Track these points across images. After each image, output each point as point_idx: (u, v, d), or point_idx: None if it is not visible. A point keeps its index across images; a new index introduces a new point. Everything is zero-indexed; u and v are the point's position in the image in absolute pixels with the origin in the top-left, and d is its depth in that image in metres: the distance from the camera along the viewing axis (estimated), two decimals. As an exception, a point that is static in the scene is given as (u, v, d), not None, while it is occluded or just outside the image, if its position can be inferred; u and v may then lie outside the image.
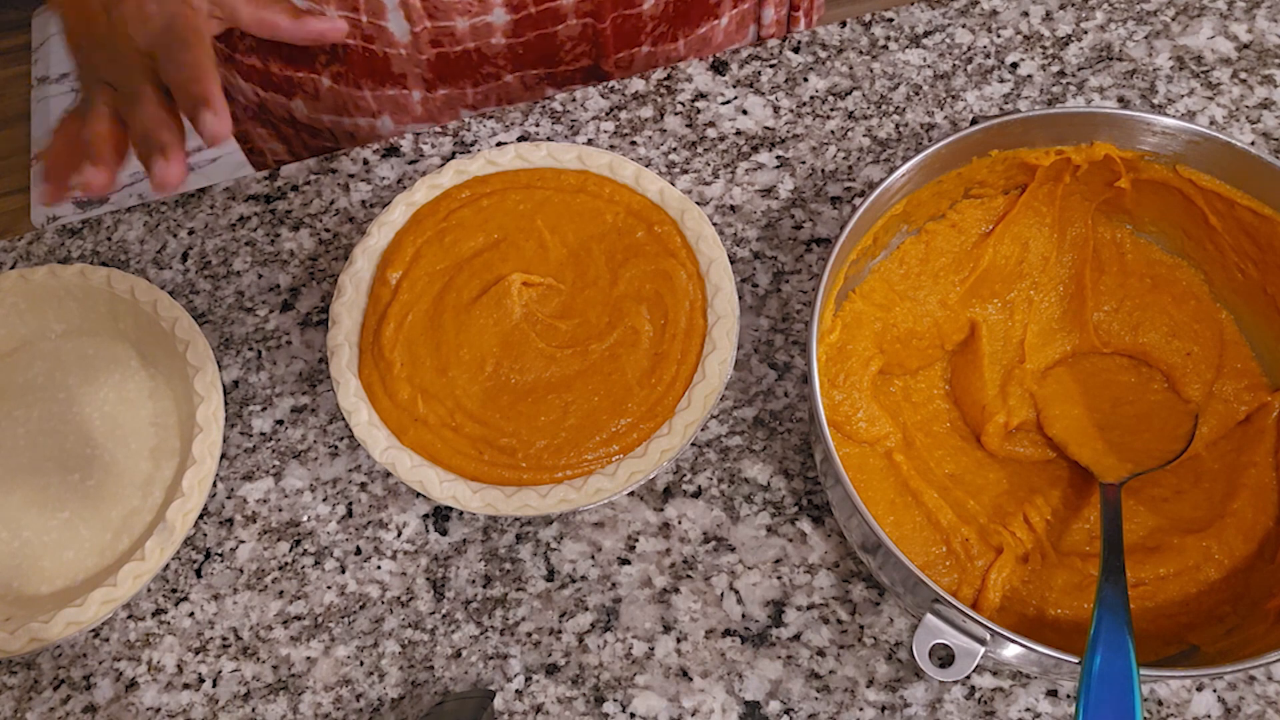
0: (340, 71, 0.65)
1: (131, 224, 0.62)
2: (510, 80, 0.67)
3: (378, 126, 0.70)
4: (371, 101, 0.67)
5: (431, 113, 0.69)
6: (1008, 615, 0.48)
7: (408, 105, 0.68)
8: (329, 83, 0.66)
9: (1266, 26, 0.65)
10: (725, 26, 0.71)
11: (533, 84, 0.68)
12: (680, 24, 0.68)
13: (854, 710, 0.49)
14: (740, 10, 0.71)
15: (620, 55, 0.67)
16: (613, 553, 0.52)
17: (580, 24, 0.64)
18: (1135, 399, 0.53)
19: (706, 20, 0.69)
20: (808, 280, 0.58)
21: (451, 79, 0.66)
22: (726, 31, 0.71)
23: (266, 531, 0.54)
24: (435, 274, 0.55)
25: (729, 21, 0.70)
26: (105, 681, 0.51)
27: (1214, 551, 0.48)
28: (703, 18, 0.68)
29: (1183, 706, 0.48)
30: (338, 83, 0.66)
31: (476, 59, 0.65)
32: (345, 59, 0.64)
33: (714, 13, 0.69)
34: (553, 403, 0.52)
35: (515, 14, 0.62)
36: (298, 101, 0.69)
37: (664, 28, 0.67)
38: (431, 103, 0.68)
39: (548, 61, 0.66)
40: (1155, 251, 0.55)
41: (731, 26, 0.71)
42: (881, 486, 0.50)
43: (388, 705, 0.50)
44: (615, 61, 0.67)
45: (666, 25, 0.67)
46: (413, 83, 0.66)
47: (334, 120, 0.70)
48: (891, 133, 0.63)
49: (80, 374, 0.57)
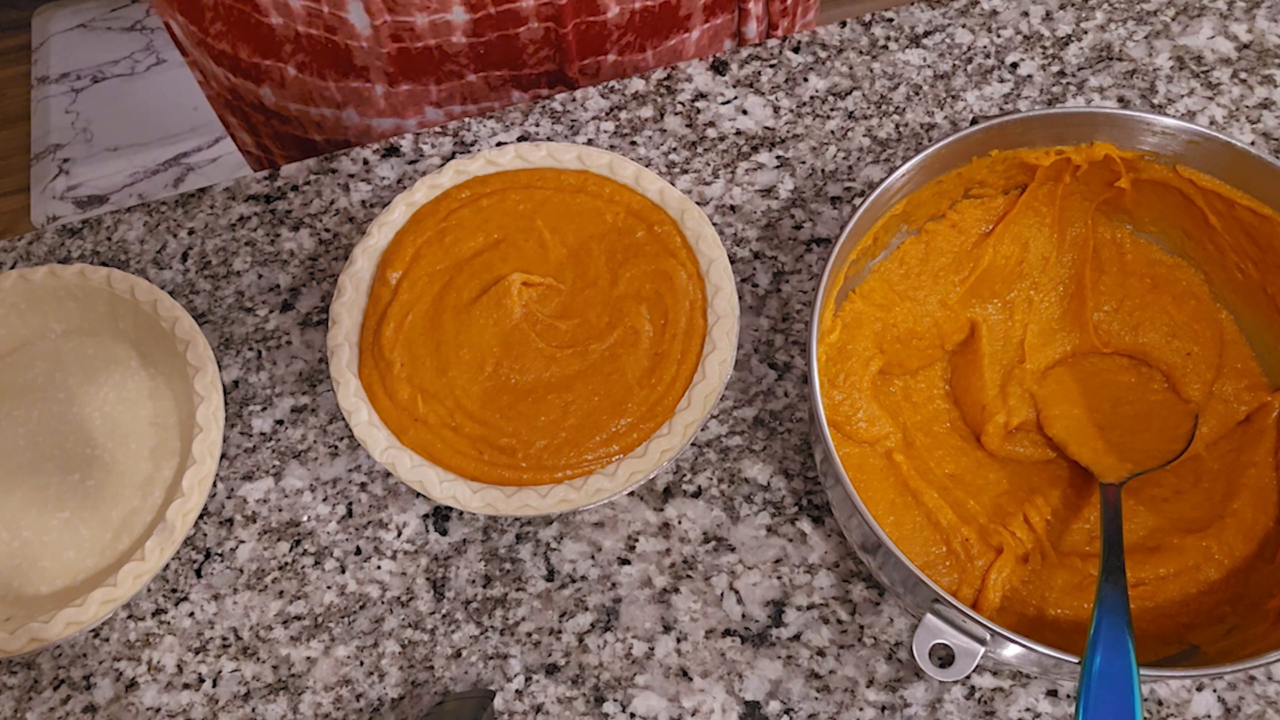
0: (305, 61, 0.65)
1: (131, 224, 0.62)
2: (474, 80, 0.67)
3: (343, 118, 0.70)
4: (336, 92, 0.67)
5: (395, 107, 0.68)
6: (1008, 615, 0.48)
7: (371, 98, 0.68)
8: (294, 71, 0.66)
9: (1266, 26, 0.65)
10: (696, 40, 0.70)
11: (497, 85, 0.68)
12: (648, 35, 0.67)
13: (854, 710, 0.49)
14: (713, 25, 0.70)
15: (585, 62, 0.67)
16: (613, 553, 0.52)
17: (542, 28, 0.64)
18: (1135, 399, 0.53)
19: (676, 33, 0.68)
20: (808, 280, 0.58)
21: (414, 75, 0.66)
22: (698, 45, 0.71)
23: (266, 531, 0.54)
24: (435, 274, 0.55)
25: (700, 35, 0.70)
26: (105, 681, 0.51)
27: (1214, 551, 0.48)
28: (672, 30, 0.68)
29: (1183, 706, 0.48)
30: (302, 72, 0.66)
31: (438, 56, 0.64)
32: (309, 48, 0.64)
33: (684, 25, 0.68)
34: (553, 403, 0.52)
35: (474, 13, 0.62)
36: (266, 89, 0.69)
37: (631, 37, 0.67)
38: (394, 97, 0.68)
39: (511, 64, 0.66)
40: (1155, 251, 0.55)
41: (704, 40, 0.71)
42: (881, 486, 0.50)
43: (388, 705, 0.50)
44: (580, 68, 0.67)
45: (634, 35, 0.67)
46: (375, 76, 0.66)
47: (300, 110, 0.70)
48: (891, 133, 0.63)
49: (80, 374, 0.57)
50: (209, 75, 0.72)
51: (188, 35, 0.69)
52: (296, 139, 0.73)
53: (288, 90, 0.68)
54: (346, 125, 0.70)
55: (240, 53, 0.66)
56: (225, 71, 0.69)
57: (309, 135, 0.72)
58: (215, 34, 0.66)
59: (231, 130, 0.78)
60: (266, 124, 0.74)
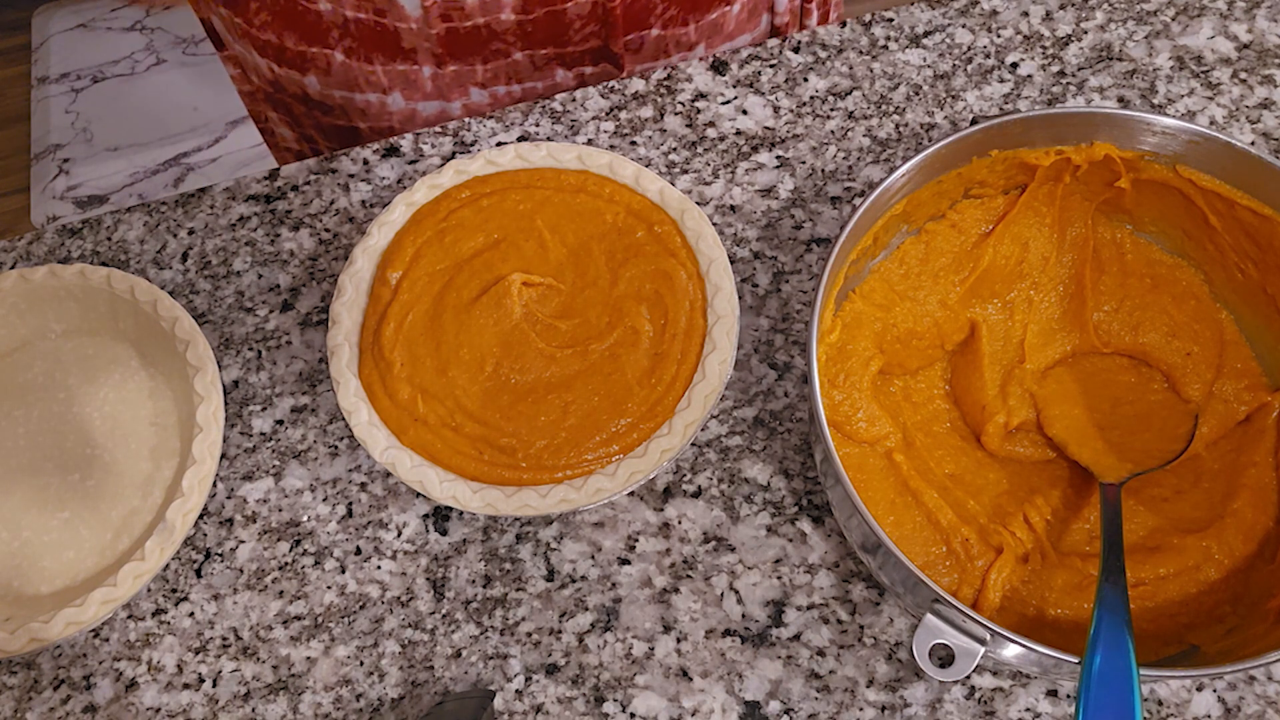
0: (352, 46, 0.66)
1: (131, 224, 0.62)
2: (520, 59, 0.67)
3: (388, 103, 0.70)
4: (382, 77, 0.68)
5: (441, 89, 0.69)
6: (1008, 615, 0.48)
7: (418, 81, 0.68)
8: (341, 57, 0.67)
9: (1266, 26, 0.65)
10: (737, 14, 0.71)
11: (542, 64, 0.68)
12: (691, 8, 0.68)
13: (854, 710, 0.49)
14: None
15: (630, 37, 0.67)
16: (613, 553, 0.52)
17: (590, 2, 0.64)
18: (1135, 399, 0.53)
19: (718, 5, 0.69)
20: (808, 280, 0.58)
21: (461, 55, 0.66)
22: (738, 20, 0.71)
23: (266, 531, 0.54)
24: (435, 274, 0.55)
25: (740, 9, 0.70)
26: (105, 681, 0.51)
27: (1214, 551, 0.48)
28: (714, 3, 0.69)
29: (1183, 706, 0.48)
30: (349, 57, 0.67)
31: (486, 35, 0.65)
32: (357, 33, 0.65)
33: None
34: (553, 403, 0.52)
35: None
36: (311, 77, 0.69)
37: (674, 10, 0.67)
38: (441, 79, 0.68)
39: (557, 40, 0.67)
40: (1155, 251, 0.55)
41: (743, 15, 0.71)
42: (881, 486, 0.50)
43: (388, 705, 0.50)
44: (625, 44, 0.68)
45: (677, 9, 0.67)
46: (423, 58, 0.66)
47: (345, 97, 0.70)
48: (891, 133, 0.63)
49: (80, 374, 0.57)
50: (250, 68, 0.73)
51: (230, 28, 0.69)
52: (340, 129, 0.74)
53: (333, 77, 0.69)
54: (392, 111, 0.71)
55: (285, 41, 0.67)
56: (269, 62, 0.70)
57: (353, 123, 0.73)
58: (260, 24, 0.67)
59: (271, 126, 0.79)
60: (309, 115, 0.74)
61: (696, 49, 0.71)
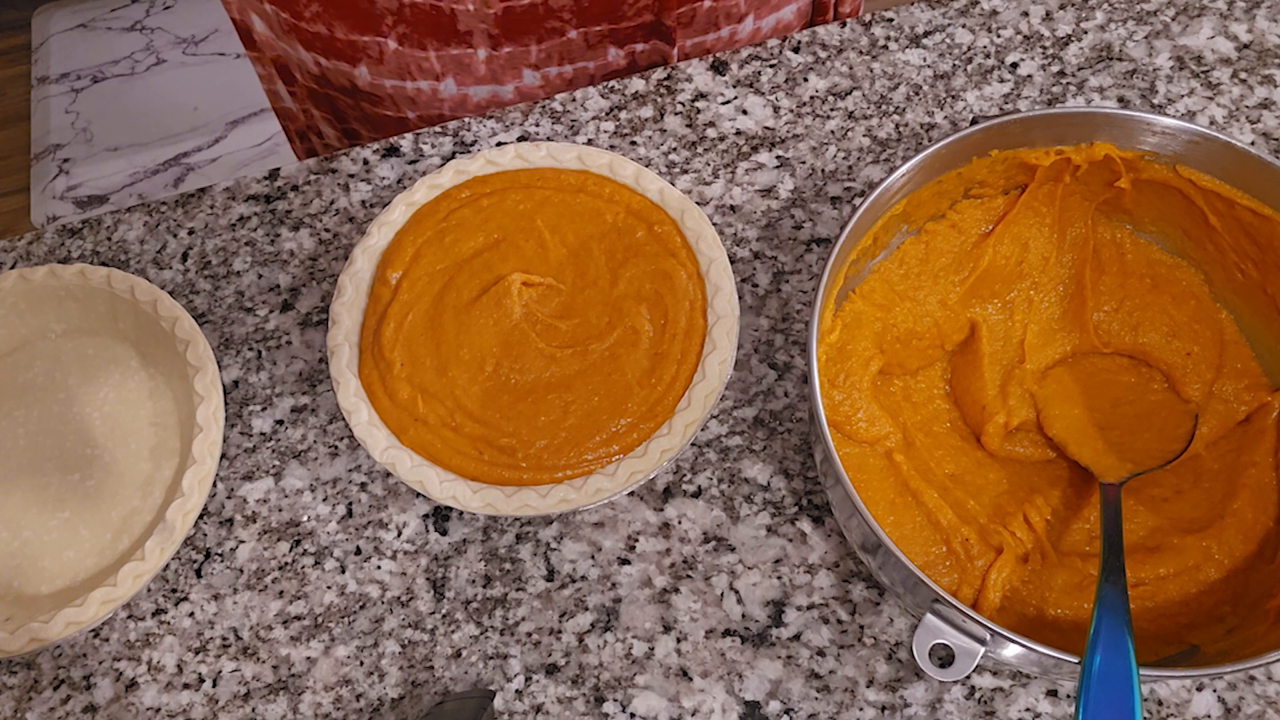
0: (406, 33, 0.66)
1: (131, 224, 0.62)
2: (574, 37, 0.67)
3: (439, 90, 0.70)
4: (435, 63, 0.68)
5: (495, 72, 0.69)
6: (1008, 615, 0.48)
7: (471, 65, 0.68)
8: (395, 45, 0.67)
9: (1266, 26, 0.65)
10: None
11: (595, 41, 0.68)
12: None
13: (854, 710, 0.49)
14: None
15: (682, 10, 0.67)
16: (613, 553, 0.52)
17: None
18: (1135, 399, 0.53)
19: None
20: (808, 280, 0.58)
21: (517, 35, 0.66)
22: None
23: (266, 531, 0.54)
24: (435, 274, 0.55)
25: None
26: (105, 681, 0.51)
27: (1214, 551, 0.48)
28: None
29: (1183, 706, 0.48)
30: (403, 44, 0.66)
31: (542, 12, 0.65)
32: (412, 19, 0.65)
33: None
34: (553, 403, 0.52)
35: None
36: (361, 68, 0.69)
37: None
38: (495, 61, 0.68)
39: (611, 16, 0.66)
40: (1155, 251, 0.55)
41: None
42: (881, 486, 0.50)
43: (388, 705, 0.50)
44: (677, 16, 0.67)
45: None
46: (478, 40, 0.66)
47: (396, 86, 0.70)
48: (891, 133, 0.63)
49: (80, 374, 0.57)
50: (294, 65, 0.72)
51: (277, 24, 0.69)
52: (388, 119, 0.74)
53: (385, 66, 0.68)
54: (443, 98, 0.70)
55: (336, 32, 0.67)
56: (316, 56, 0.69)
57: (401, 113, 0.73)
58: (310, 16, 0.66)
59: (313, 123, 0.78)
60: (355, 107, 0.74)
61: (746, 20, 0.70)
